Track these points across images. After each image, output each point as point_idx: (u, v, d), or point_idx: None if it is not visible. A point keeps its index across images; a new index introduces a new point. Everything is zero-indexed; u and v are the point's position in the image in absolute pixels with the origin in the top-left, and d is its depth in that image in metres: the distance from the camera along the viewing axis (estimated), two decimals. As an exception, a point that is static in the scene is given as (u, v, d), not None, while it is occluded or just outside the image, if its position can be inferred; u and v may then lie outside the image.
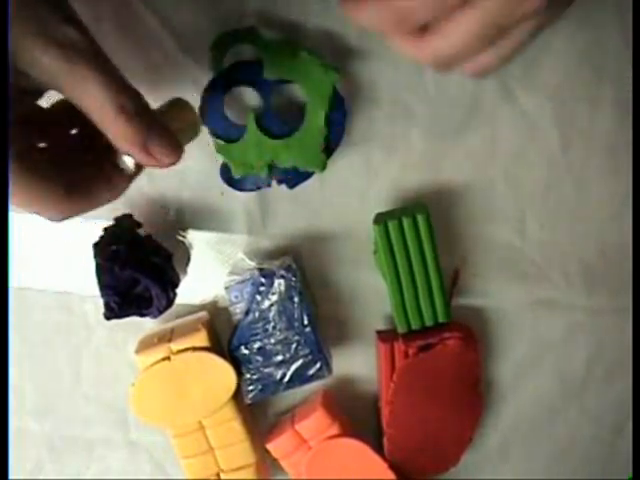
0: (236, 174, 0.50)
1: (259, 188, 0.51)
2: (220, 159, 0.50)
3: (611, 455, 0.58)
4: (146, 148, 0.37)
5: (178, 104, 0.42)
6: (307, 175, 0.50)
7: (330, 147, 0.49)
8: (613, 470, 0.58)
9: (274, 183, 0.50)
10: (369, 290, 0.53)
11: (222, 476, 0.53)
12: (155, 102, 0.48)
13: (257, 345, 0.51)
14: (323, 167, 0.49)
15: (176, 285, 0.51)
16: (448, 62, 0.38)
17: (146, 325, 0.53)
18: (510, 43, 0.39)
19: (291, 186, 0.50)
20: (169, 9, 0.49)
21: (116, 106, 0.35)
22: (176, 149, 0.38)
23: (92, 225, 0.51)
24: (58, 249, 0.53)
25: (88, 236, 0.50)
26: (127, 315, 0.50)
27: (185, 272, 0.53)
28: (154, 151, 0.37)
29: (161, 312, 0.50)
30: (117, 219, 0.50)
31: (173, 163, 0.38)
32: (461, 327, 0.52)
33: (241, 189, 0.50)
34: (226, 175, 0.50)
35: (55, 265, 0.53)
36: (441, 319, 0.51)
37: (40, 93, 0.37)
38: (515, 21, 0.37)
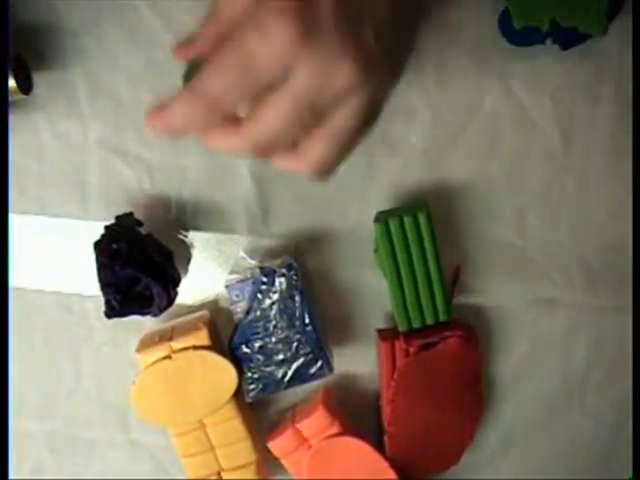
0: (517, 24, 0.47)
1: (532, 44, 0.49)
2: (501, 6, 0.48)
3: (611, 455, 0.58)
4: None
5: None
6: (583, 38, 0.48)
7: (612, 12, 0.47)
8: (613, 470, 0.58)
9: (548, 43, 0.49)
10: (370, 289, 0.53)
11: (223, 475, 0.53)
12: (155, 102, 0.48)
13: (258, 344, 0.51)
14: (604, 31, 0.48)
15: (177, 284, 0.51)
16: (267, 148, 0.37)
17: (147, 324, 0.53)
18: (335, 128, 0.37)
19: (564, 47, 0.49)
20: (170, 9, 0.50)
21: None
22: None
23: (92, 225, 0.52)
24: (58, 249, 0.53)
25: (89, 236, 0.50)
26: (128, 313, 0.50)
27: (186, 271, 0.53)
28: None
29: (162, 310, 0.50)
30: (118, 218, 0.50)
31: None
32: (462, 325, 0.52)
33: (515, 42, 0.49)
34: (505, 24, 0.48)
35: (55, 265, 0.54)
36: (442, 317, 0.51)
37: None
38: (329, 100, 0.35)
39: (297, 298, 0.50)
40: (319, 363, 0.51)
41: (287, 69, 0.34)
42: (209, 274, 0.53)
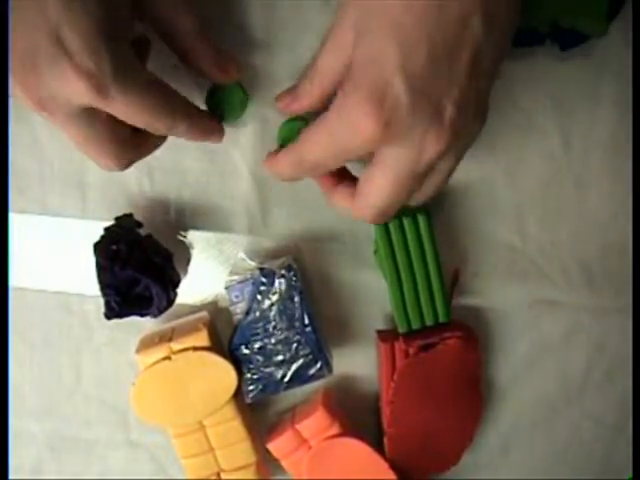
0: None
1: (532, 44, 0.49)
2: None
3: (611, 455, 0.58)
4: (221, 65, 0.44)
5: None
6: (583, 38, 0.48)
7: (612, 12, 0.47)
8: (613, 470, 0.58)
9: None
10: (370, 290, 0.53)
11: (223, 476, 0.53)
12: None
13: (258, 345, 0.51)
14: (604, 31, 0.47)
15: (176, 285, 0.51)
16: (384, 213, 0.42)
17: (147, 325, 0.53)
18: (432, 184, 0.42)
19: (564, 48, 0.49)
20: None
21: (201, 33, 0.42)
22: (239, 66, 0.45)
23: (92, 225, 0.51)
24: (58, 249, 0.53)
25: (88, 236, 0.50)
26: (128, 314, 0.50)
27: (185, 272, 0.53)
28: (227, 67, 0.44)
29: (161, 311, 0.50)
30: (118, 219, 0.50)
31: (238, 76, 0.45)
32: (461, 327, 0.52)
33: (515, 42, 0.47)
34: None
35: (55, 265, 0.53)
36: (441, 319, 0.51)
37: None
38: (425, 168, 0.39)
39: (297, 299, 0.50)
40: (319, 364, 0.51)
41: (376, 149, 0.39)
42: (209, 275, 0.53)
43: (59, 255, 0.53)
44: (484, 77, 0.39)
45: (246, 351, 0.51)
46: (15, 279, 0.53)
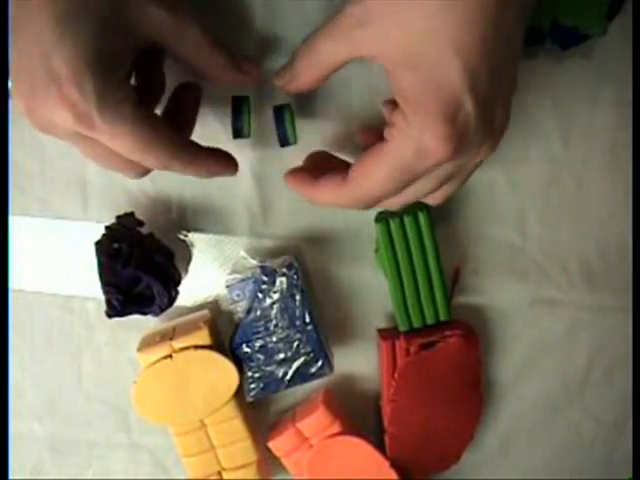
0: None
1: (532, 44, 0.49)
2: None
3: (611, 454, 0.58)
4: (239, 67, 0.43)
5: None
6: (583, 38, 0.48)
7: (612, 12, 0.47)
8: (613, 470, 0.58)
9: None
10: (370, 288, 0.53)
11: (224, 475, 0.53)
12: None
13: (259, 343, 0.51)
14: (604, 31, 0.48)
15: (178, 283, 0.51)
16: (370, 203, 0.41)
17: (148, 323, 0.53)
18: (463, 177, 0.41)
19: (564, 47, 0.49)
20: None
21: (211, 42, 0.41)
22: (257, 65, 0.45)
23: (94, 225, 0.52)
24: (59, 250, 0.53)
25: (90, 236, 0.50)
26: (129, 313, 0.50)
27: (186, 271, 0.53)
28: (245, 68, 0.43)
29: (163, 310, 0.50)
30: (119, 217, 0.50)
31: (259, 77, 0.45)
32: (462, 325, 0.52)
33: None
34: None
35: (56, 266, 0.53)
36: (442, 317, 0.51)
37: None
38: (424, 171, 0.38)
39: (298, 297, 0.50)
40: (320, 362, 0.51)
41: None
42: (210, 274, 0.53)
43: (60, 256, 0.53)
44: (516, 78, 0.40)
45: (247, 350, 0.51)
46: (16, 280, 0.53)
